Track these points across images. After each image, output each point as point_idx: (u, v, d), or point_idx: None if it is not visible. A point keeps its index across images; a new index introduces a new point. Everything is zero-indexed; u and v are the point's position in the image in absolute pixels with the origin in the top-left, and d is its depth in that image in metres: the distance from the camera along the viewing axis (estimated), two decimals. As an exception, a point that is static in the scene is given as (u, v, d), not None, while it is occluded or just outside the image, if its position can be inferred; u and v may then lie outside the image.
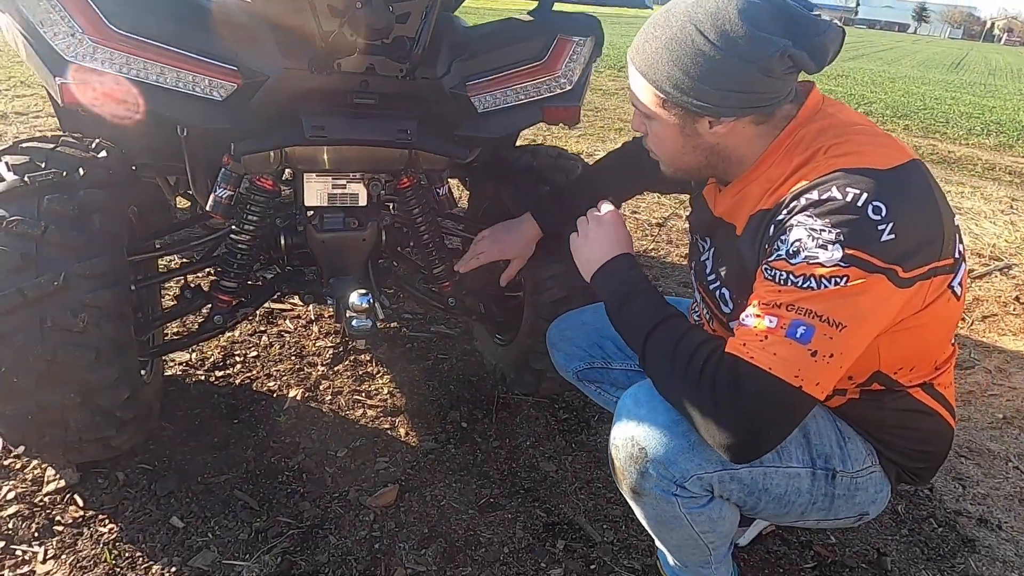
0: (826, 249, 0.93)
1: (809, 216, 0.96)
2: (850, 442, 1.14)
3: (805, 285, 0.94)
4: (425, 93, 1.40)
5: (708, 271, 1.22)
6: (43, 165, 1.37)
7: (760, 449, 0.99)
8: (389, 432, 1.88)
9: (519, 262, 1.67)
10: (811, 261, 0.93)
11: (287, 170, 1.64)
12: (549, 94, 1.58)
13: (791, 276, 0.95)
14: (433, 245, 1.85)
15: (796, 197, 0.99)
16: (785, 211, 1.00)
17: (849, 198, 0.94)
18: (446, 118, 1.46)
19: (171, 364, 2.04)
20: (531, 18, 1.62)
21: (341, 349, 2.22)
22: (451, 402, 2.03)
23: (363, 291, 1.53)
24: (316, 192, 1.66)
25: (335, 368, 2.13)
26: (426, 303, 1.98)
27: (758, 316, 0.97)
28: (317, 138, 1.35)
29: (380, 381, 2.09)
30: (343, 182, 1.67)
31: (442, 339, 2.37)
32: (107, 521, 1.49)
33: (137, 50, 1.24)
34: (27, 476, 1.59)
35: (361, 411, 1.95)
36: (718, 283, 1.18)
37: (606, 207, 1.27)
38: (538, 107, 1.57)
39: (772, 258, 0.99)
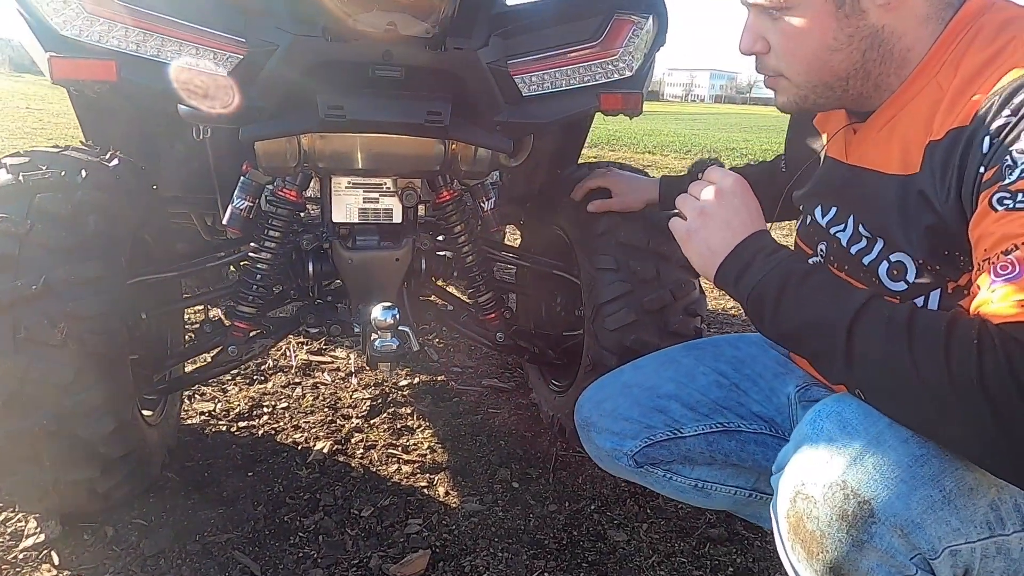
0: None
1: None
2: None
3: None
4: (459, 67, 1.21)
5: (849, 243, 0.91)
6: (44, 168, 1.24)
7: None
8: (425, 491, 1.58)
9: (619, 203, 1.53)
10: None
11: (312, 182, 1.47)
12: (606, 80, 1.36)
13: None
14: (478, 270, 1.62)
15: (1016, 93, 0.70)
16: (1004, 115, 0.69)
17: None
18: (485, 102, 1.26)
19: (191, 413, 1.83)
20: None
21: (380, 401, 1.97)
22: (501, 459, 1.72)
23: (388, 304, 1.30)
24: (345, 207, 1.48)
25: (371, 421, 1.87)
26: (471, 339, 1.72)
27: None
28: (334, 118, 1.17)
29: (420, 435, 1.82)
30: (375, 195, 1.49)
31: (494, 393, 2.09)
32: (81, 583, 1.24)
33: (134, 21, 1.11)
34: (8, 529, 1.37)
35: (395, 467, 1.67)
36: (877, 254, 0.86)
37: (721, 172, 0.92)
38: (594, 93, 1.35)
39: (1011, 180, 0.67)
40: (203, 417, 1.83)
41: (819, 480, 0.72)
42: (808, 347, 0.78)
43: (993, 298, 0.64)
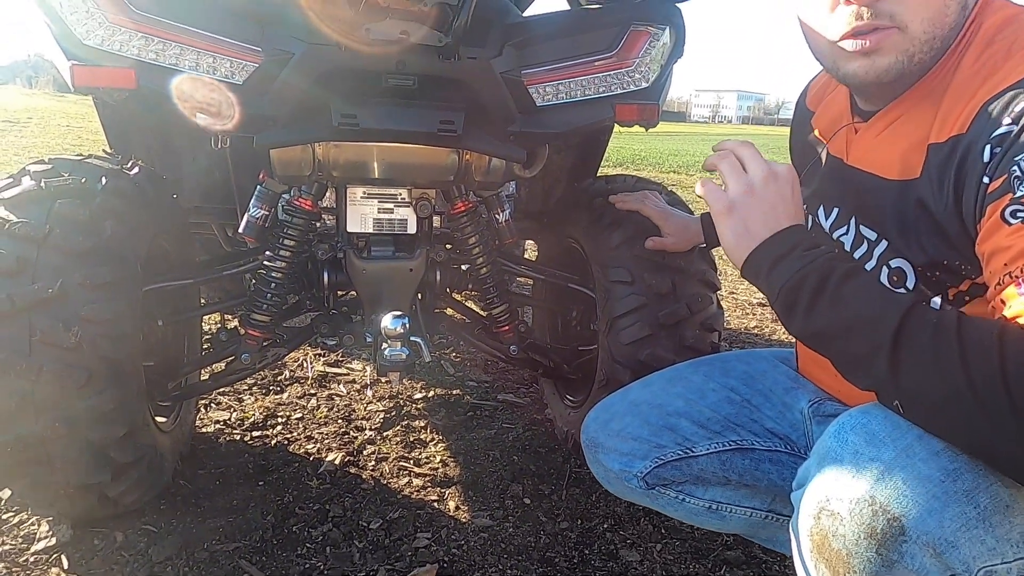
0: None
1: None
2: None
3: None
4: (472, 77, 1.21)
5: (852, 248, 0.89)
6: (65, 175, 1.27)
7: None
8: (436, 504, 1.56)
9: (672, 244, 1.49)
10: None
11: (327, 191, 1.48)
12: (622, 91, 1.35)
13: None
14: (492, 282, 1.61)
15: (1015, 100, 0.68)
16: (1006, 123, 0.68)
17: None
18: (499, 111, 1.26)
19: (206, 422, 1.84)
20: (598, 6, 1.43)
21: (394, 414, 1.96)
22: (513, 474, 1.69)
23: (398, 313, 1.29)
24: (360, 217, 1.48)
25: (384, 433, 1.86)
26: (485, 352, 1.71)
27: None
28: (347, 126, 1.17)
29: (433, 448, 1.80)
30: (390, 205, 1.49)
31: (509, 408, 2.07)
32: (88, 588, 1.24)
33: (155, 31, 1.13)
34: (21, 532, 1.38)
35: (406, 480, 1.65)
36: (877, 259, 0.85)
37: (777, 163, 0.85)
38: (609, 103, 1.34)
39: (1021, 193, 0.65)
40: (218, 426, 1.84)
41: (845, 495, 0.68)
42: (845, 348, 0.73)
43: (1017, 304, 0.62)
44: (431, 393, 2.12)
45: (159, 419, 1.49)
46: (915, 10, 0.78)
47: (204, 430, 1.81)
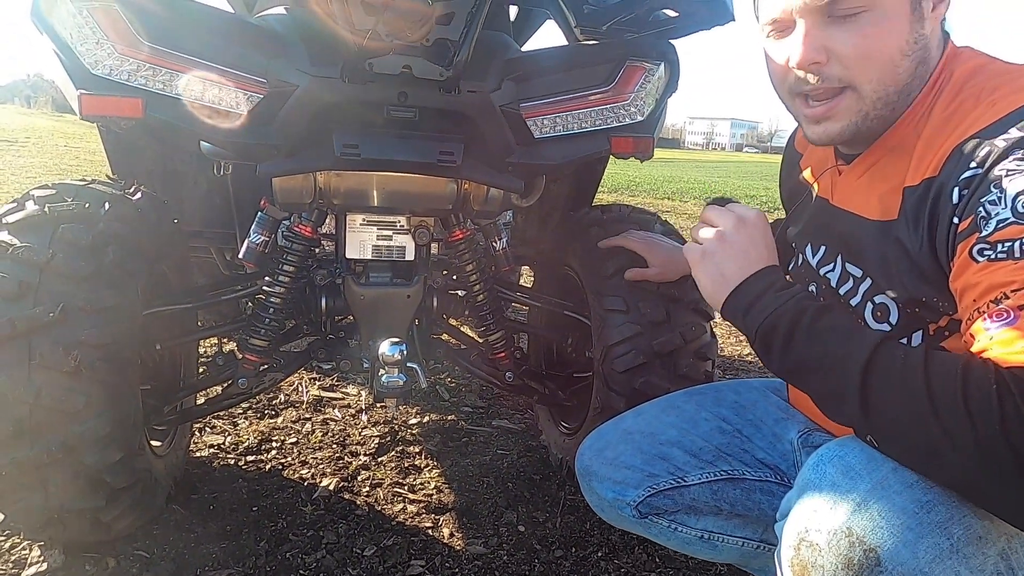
0: None
1: (1022, 160, 0.68)
2: None
3: None
4: (472, 109, 1.24)
5: (838, 284, 0.92)
6: (69, 200, 1.29)
7: None
8: (430, 531, 1.56)
9: (657, 274, 1.47)
10: None
11: (327, 218, 1.50)
12: (618, 124, 1.38)
13: None
14: (489, 308, 1.62)
15: (980, 145, 0.72)
16: (972, 167, 0.71)
17: None
18: (497, 143, 1.29)
19: (201, 446, 1.84)
20: (595, 41, 1.47)
21: (389, 439, 1.96)
22: (508, 502, 1.69)
23: (395, 340, 1.30)
24: (359, 243, 1.50)
25: (378, 459, 1.86)
26: (481, 378, 1.72)
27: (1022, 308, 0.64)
28: (349, 156, 1.20)
29: (427, 475, 1.80)
30: (389, 233, 1.51)
31: (504, 434, 2.07)
32: (79, 615, 1.23)
33: (162, 61, 1.15)
34: (12, 557, 1.37)
35: (401, 506, 1.65)
36: (862, 296, 0.87)
37: (744, 206, 0.90)
38: (605, 136, 1.37)
39: (988, 232, 0.68)
40: (212, 450, 1.83)
41: (823, 527, 0.70)
42: (819, 385, 0.76)
43: (995, 345, 0.64)
44: (426, 419, 2.12)
45: (154, 443, 1.49)
46: (862, 72, 0.81)
47: (198, 454, 1.80)
